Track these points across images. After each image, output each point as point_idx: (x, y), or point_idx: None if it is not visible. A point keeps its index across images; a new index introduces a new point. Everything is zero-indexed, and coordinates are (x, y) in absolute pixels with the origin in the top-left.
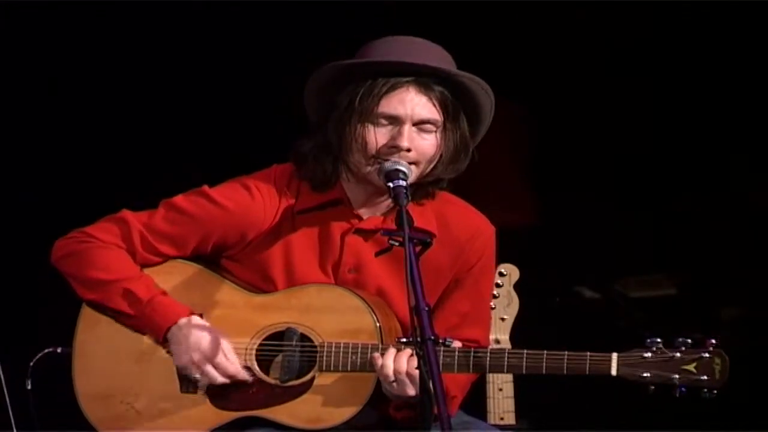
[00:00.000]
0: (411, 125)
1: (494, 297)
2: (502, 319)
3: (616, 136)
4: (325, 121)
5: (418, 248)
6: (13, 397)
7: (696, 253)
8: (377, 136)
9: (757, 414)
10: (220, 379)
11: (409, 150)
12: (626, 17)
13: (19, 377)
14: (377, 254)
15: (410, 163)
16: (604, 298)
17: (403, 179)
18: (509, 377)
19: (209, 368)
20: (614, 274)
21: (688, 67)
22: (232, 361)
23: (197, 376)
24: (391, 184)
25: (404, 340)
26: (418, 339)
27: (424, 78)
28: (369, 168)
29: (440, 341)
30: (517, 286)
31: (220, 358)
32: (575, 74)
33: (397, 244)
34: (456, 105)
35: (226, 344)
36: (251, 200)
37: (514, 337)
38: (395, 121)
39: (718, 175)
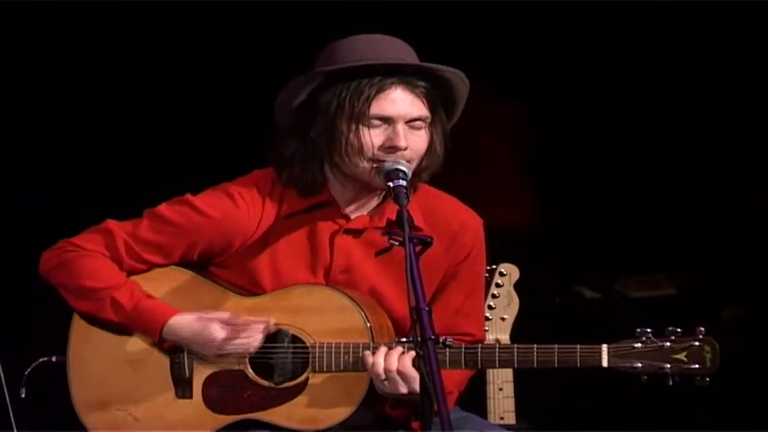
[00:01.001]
0: (404, 124)
1: (494, 297)
2: (502, 319)
3: (616, 136)
4: (305, 126)
5: (418, 248)
6: (8, 403)
7: (696, 253)
8: (372, 137)
9: (757, 414)
10: (251, 342)
11: (405, 149)
12: (626, 17)
13: (16, 380)
14: (377, 254)
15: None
16: (604, 298)
17: (403, 179)
18: (509, 377)
19: (235, 344)
20: (614, 274)
21: (689, 67)
22: (245, 321)
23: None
24: (391, 184)
25: (404, 340)
26: (419, 339)
27: (408, 76)
28: (366, 165)
29: (440, 341)
30: (517, 286)
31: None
32: (575, 74)
33: (397, 243)
34: (437, 98)
35: (221, 315)
36: (235, 208)
37: (514, 337)
38: (388, 120)
39: (718, 175)
